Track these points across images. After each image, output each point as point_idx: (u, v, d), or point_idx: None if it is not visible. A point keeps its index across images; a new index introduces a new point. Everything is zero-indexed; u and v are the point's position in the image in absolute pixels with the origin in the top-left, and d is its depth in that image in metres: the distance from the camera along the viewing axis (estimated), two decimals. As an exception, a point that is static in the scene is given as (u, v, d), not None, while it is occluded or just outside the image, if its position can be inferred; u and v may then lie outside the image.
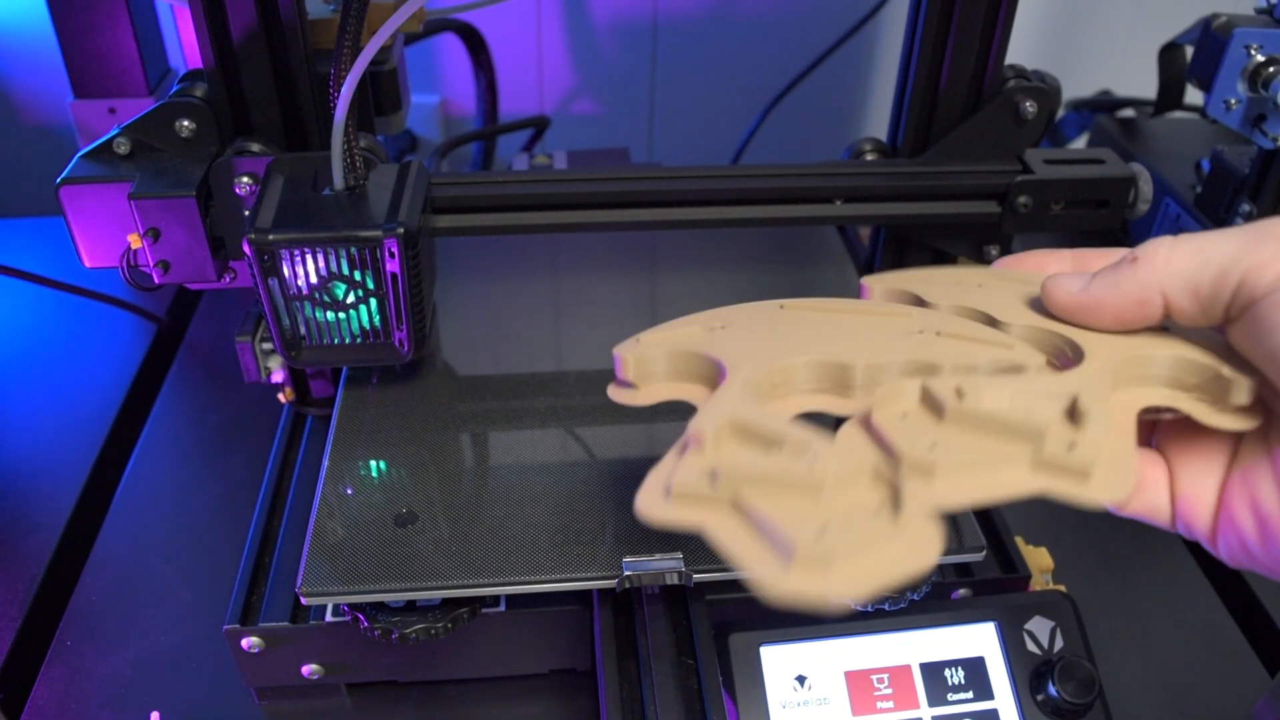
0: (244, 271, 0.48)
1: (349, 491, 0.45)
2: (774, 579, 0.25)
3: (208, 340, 0.70)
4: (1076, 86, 0.90)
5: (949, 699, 0.42)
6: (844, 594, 0.25)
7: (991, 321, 0.34)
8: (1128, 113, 0.85)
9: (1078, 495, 0.27)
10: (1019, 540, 0.49)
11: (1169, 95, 0.77)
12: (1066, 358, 0.32)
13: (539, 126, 0.87)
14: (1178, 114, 0.80)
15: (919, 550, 0.26)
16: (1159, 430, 0.33)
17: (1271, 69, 0.58)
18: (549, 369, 0.53)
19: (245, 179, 0.44)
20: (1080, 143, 0.87)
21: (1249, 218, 0.62)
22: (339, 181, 0.42)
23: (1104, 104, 0.86)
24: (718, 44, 0.89)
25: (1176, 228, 0.69)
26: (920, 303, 0.36)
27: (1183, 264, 0.29)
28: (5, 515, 0.56)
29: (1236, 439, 0.31)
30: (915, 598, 0.43)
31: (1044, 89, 0.49)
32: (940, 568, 0.47)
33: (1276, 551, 0.29)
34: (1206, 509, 0.31)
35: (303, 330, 0.44)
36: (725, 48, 0.90)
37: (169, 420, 0.63)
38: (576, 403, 0.50)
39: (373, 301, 0.43)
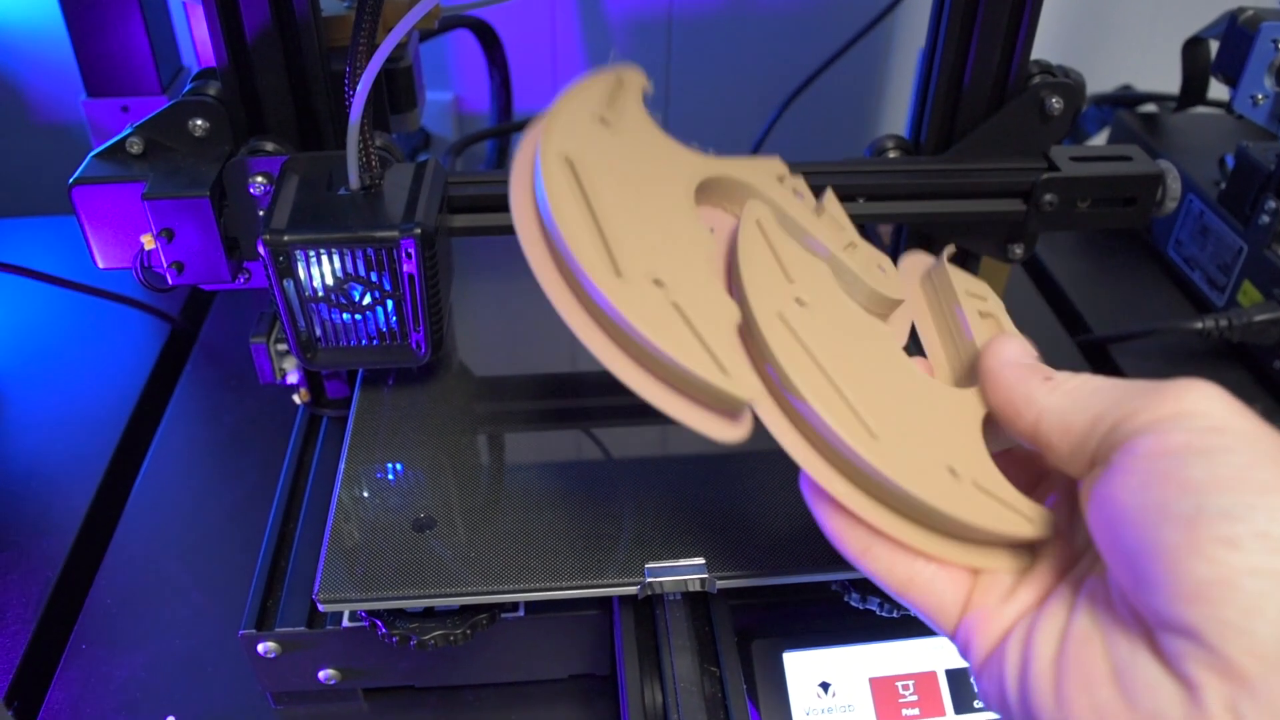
0: (258, 272, 0.48)
1: (366, 495, 0.44)
2: None
3: (222, 341, 0.69)
4: (1097, 81, 0.89)
5: (975, 706, 0.42)
6: None
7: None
8: (1149, 108, 0.84)
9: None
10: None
11: (1192, 90, 0.76)
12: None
13: (553, 124, 0.86)
14: (1200, 109, 0.79)
15: None
16: None
17: (1300, 64, 0.57)
18: (567, 370, 0.53)
19: (259, 179, 0.44)
20: (1100, 138, 0.86)
21: (1275, 215, 0.61)
22: (355, 181, 0.42)
23: (1125, 99, 0.85)
24: (733, 39, 0.88)
25: (1200, 224, 0.68)
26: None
27: (1067, 399, 0.28)
28: (19, 518, 0.56)
29: (1060, 573, 0.29)
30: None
31: (1070, 85, 0.48)
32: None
33: (1029, 707, 0.26)
34: (989, 637, 0.29)
35: (318, 332, 0.43)
36: (740, 43, 0.89)
37: (183, 422, 0.62)
38: (595, 404, 0.50)
39: (389, 303, 0.42)
